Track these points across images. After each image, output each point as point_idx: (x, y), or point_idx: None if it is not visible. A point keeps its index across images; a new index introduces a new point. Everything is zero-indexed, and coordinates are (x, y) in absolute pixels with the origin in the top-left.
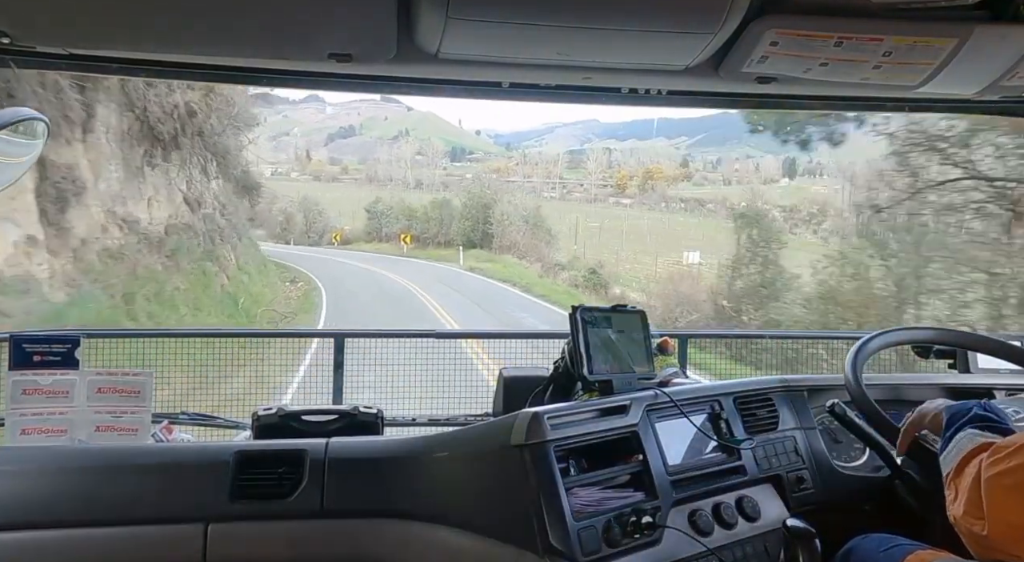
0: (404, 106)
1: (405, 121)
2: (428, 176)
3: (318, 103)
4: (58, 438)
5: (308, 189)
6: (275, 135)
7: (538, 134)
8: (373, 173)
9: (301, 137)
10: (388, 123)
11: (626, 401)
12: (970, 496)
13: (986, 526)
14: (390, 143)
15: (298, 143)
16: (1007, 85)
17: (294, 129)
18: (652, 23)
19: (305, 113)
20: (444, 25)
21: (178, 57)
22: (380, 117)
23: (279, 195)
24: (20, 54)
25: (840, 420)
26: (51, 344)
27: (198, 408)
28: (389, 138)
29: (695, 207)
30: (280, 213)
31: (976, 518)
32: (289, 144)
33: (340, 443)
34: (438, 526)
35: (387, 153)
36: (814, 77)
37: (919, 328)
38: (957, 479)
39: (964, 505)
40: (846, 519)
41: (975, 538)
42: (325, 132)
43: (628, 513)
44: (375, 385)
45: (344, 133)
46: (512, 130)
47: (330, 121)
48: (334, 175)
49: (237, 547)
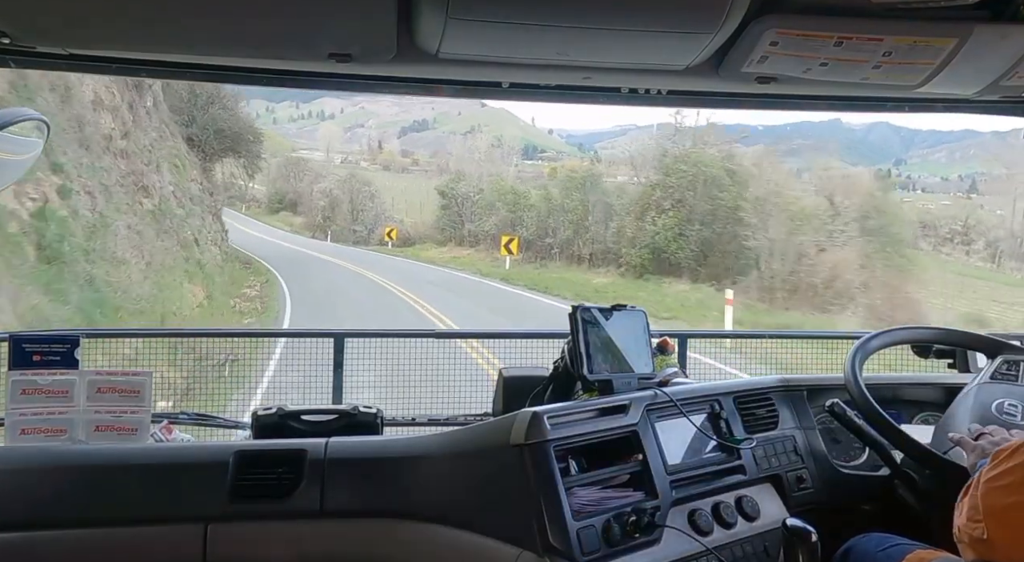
0: (478, 102)
1: (478, 117)
2: (502, 172)
3: (393, 96)
4: (58, 438)
5: (371, 177)
6: (350, 126)
7: (611, 135)
8: (445, 165)
9: (375, 129)
10: (461, 118)
11: (626, 401)
12: (970, 503)
13: (984, 530)
14: (462, 138)
15: (371, 134)
16: (1007, 85)
17: (369, 121)
18: (652, 23)
19: (381, 106)
20: (444, 25)
21: (178, 57)
22: (453, 112)
23: (324, 174)
24: (20, 54)
25: (840, 420)
26: (50, 344)
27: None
28: (461, 133)
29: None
30: (323, 196)
31: (975, 522)
32: (363, 135)
33: (340, 443)
34: (438, 526)
35: (459, 147)
36: (814, 77)
37: (919, 328)
38: (964, 498)
39: (966, 512)
40: (846, 519)
41: (976, 543)
42: (399, 125)
43: (628, 513)
44: (375, 385)
45: (417, 127)
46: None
47: (404, 114)
48: (404, 166)
49: (237, 547)
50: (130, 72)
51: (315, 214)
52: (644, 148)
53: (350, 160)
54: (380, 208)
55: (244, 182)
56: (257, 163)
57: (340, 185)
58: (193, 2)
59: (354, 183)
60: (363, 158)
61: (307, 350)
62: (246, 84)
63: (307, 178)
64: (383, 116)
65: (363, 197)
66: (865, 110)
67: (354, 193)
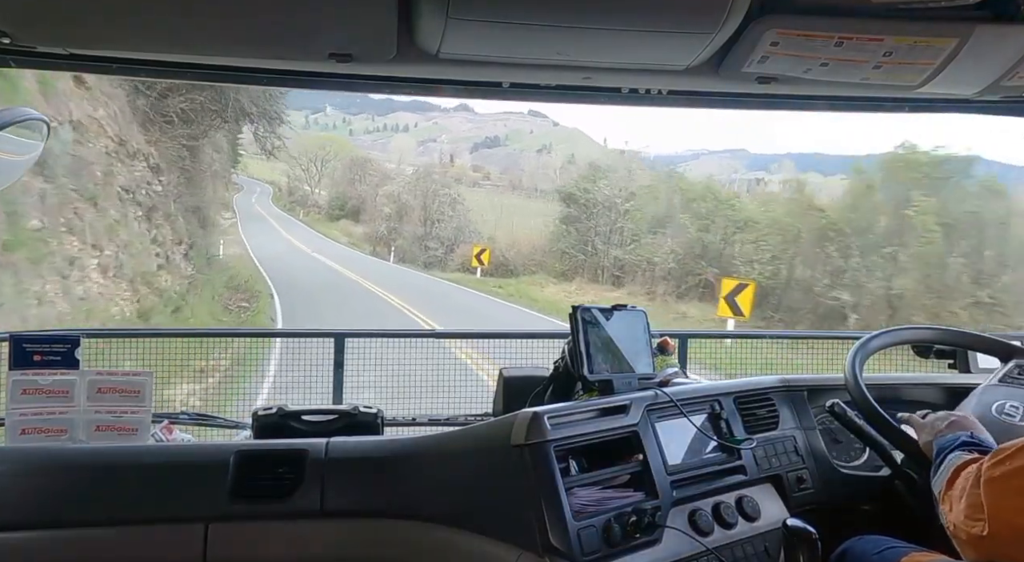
0: (550, 121)
1: (550, 135)
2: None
3: (467, 112)
4: (58, 438)
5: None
6: (423, 140)
7: (683, 159)
8: (517, 182)
9: (447, 143)
10: (533, 136)
11: (626, 401)
12: (969, 500)
13: (986, 527)
14: (534, 155)
15: (443, 148)
16: (1008, 85)
17: (442, 136)
18: (652, 23)
19: (454, 121)
20: (444, 25)
21: (178, 57)
22: (526, 130)
23: (393, 175)
24: (20, 54)
25: (840, 420)
26: (51, 344)
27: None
28: (533, 151)
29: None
30: (389, 201)
31: (976, 519)
32: (435, 149)
33: (340, 443)
34: (438, 526)
35: (532, 164)
36: (814, 77)
37: (919, 328)
38: (949, 492)
39: (964, 510)
40: (846, 519)
41: (973, 541)
42: (471, 140)
43: (628, 513)
44: (375, 385)
45: (489, 143)
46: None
47: (476, 130)
48: (475, 180)
49: (237, 547)
50: (130, 72)
51: (378, 223)
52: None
53: (421, 171)
54: (463, 219)
55: (310, 187)
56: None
57: (411, 188)
58: (193, 2)
59: (429, 185)
60: (433, 171)
61: (307, 350)
62: (246, 84)
63: (372, 180)
64: (455, 131)
65: (441, 203)
66: (865, 110)
67: (428, 197)
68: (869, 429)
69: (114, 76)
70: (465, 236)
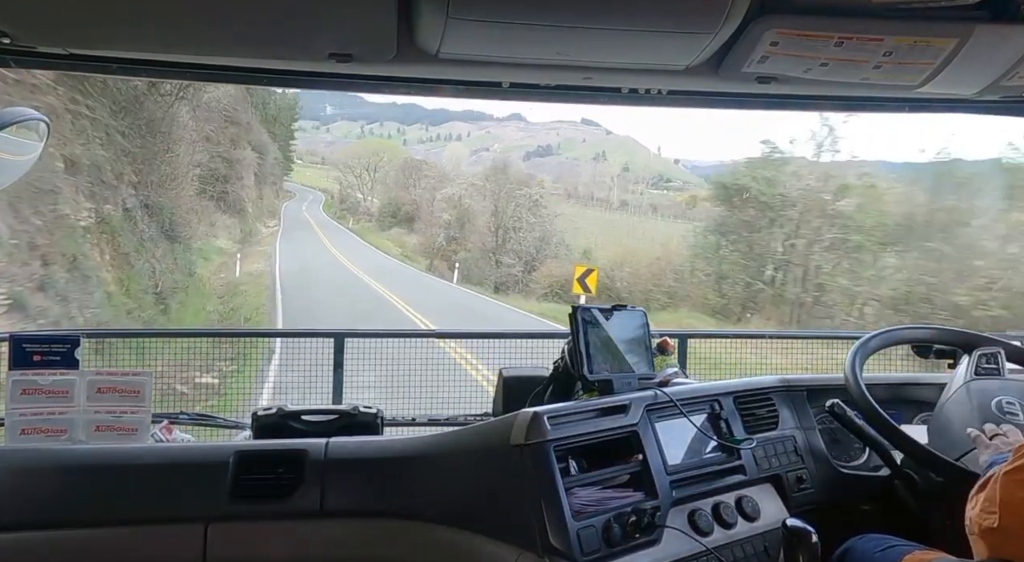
0: (603, 129)
1: (603, 144)
2: (632, 200)
3: (519, 121)
4: (58, 438)
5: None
6: (476, 149)
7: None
8: (572, 190)
9: (500, 152)
10: (586, 144)
11: (626, 401)
12: (987, 495)
13: (997, 519)
14: (588, 164)
15: (496, 157)
16: (1007, 85)
17: (494, 145)
18: (652, 23)
19: (506, 130)
20: (444, 25)
21: (178, 57)
22: (578, 139)
23: (452, 176)
24: (20, 54)
25: (840, 420)
26: (51, 344)
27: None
28: (586, 159)
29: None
30: (449, 206)
31: (990, 512)
32: (488, 158)
33: (340, 443)
34: (438, 526)
35: (588, 172)
36: (814, 77)
37: (919, 327)
38: (978, 494)
39: (980, 504)
40: (846, 519)
41: (986, 532)
42: (523, 149)
43: (628, 513)
44: (375, 385)
45: (541, 152)
46: (709, 161)
47: (529, 139)
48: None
49: (237, 547)
50: (130, 72)
51: (435, 232)
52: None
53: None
54: (547, 228)
55: (362, 194)
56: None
57: (476, 190)
58: (193, 2)
59: (503, 182)
60: (487, 180)
61: (307, 350)
62: (246, 84)
63: (429, 183)
64: (508, 140)
65: (518, 207)
66: (865, 110)
67: (501, 200)
68: (869, 429)
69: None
70: (551, 249)
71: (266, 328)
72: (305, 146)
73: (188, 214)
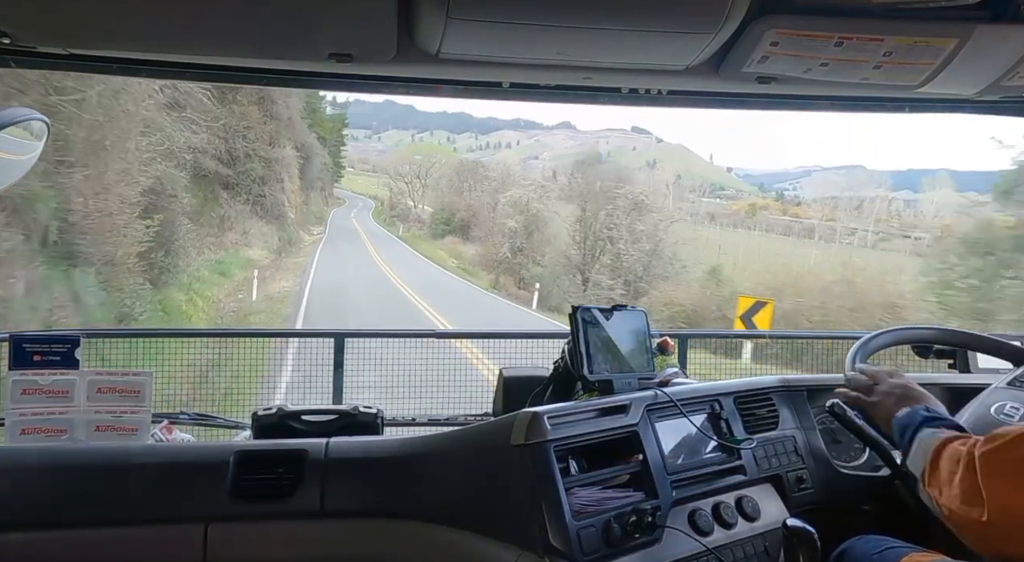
0: (654, 137)
1: (653, 152)
2: (686, 208)
3: (569, 129)
4: (58, 438)
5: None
6: (525, 157)
7: (793, 177)
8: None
9: (549, 160)
10: (636, 152)
11: (626, 401)
12: (964, 485)
13: (985, 511)
14: (638, 171)
15: (545, 166)
16: (1007, 85)
17: (544, 153)
18: (652, 23)
19: (556, 139)
20: (444, 25)
21: (178, 57)
22: (628, 147)
23: (516, 177)
24: (20, 54)
25: (840, 420)
26: (51, 344)
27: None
28: (636, 167)
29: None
30: (515, 210)
31: (974, 505)
32: (537, 166)
33: (340, 443)
34: (438, 526)
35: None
36: (814, 77)
37: (919, 328)
38: (935, 474)
39: (960, 495)
40: (846, 519)
41: (973, 527)
42: (573, 157)
43: (628, 513)
44: (375, 385)
45: (591, 160)
46: (762, 170)
47: (578, 147)
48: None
49: (237, 547)
50: (130, 72)
51: (498, 241)
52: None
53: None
54: (659, 238)
55: (412, 201)
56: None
57: (544, 192)
58: (193, 2)
59: (591, 178)
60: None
61: (307, 350)
62: (246, 84)
63: (488, 186)
64: (557, 148)
65: (615, 210)
66: (865, 110)
67: (590, 200)
68: (869, 429)
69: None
70: (662, 267)
71: (266, 328)
72: (357, 154)
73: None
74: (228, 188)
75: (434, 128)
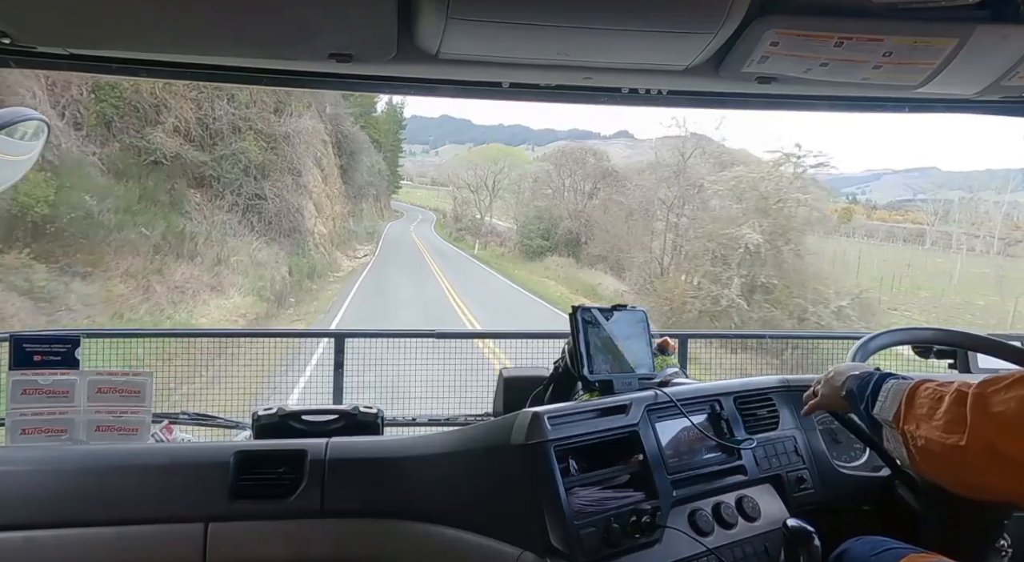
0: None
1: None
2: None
3: (626, 138)
4: (58, 438)
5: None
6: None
7: (863, 180)
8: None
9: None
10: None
11: (626, 401)
12: (949, 417)
13: (964, 437)
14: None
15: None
16: (1008, 85)
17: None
18: (652, 23)
19: (614, 147)
20: (444, 25)
21: (178, 57)
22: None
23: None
24: (20, 54)
25: (840, 420)
26: (51, 344)
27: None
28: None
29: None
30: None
31: (953, 433)
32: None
33: (340, 443)
34: (438, 526)
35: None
36: (814, 77)
37: (920, 328)
38: (911, 411)
39: (943, 425)
40: (846, 519)
41: (948, 453)
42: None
43: (628, 513)
44: (375, 385)
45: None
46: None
47: (637, 157)
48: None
49: (237, 547)
50: (130, 72)
51: (651, 265)
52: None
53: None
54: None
55: (479, 212)
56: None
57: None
58: (193, 2)
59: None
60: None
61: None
62: (246, 84)
63: (611, 187)
64: (615, 157)
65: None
66: (865, 110)
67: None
68: (869, 429)
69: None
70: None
71: (266, 328)
72: (415, 168)
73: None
74: (202, 186)
75: (490, 140)
